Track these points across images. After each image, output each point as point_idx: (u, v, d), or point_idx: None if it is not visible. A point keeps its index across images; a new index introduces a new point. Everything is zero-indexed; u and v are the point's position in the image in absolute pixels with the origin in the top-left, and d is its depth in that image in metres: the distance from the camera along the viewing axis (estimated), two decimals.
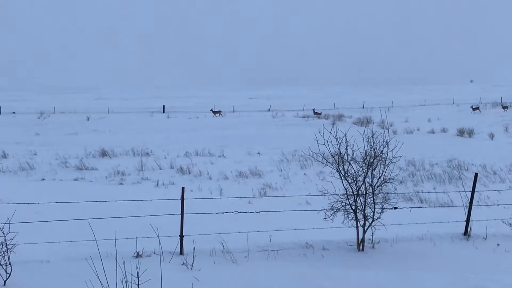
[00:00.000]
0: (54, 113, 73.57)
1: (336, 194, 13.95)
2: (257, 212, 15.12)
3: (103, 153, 33.00)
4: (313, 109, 71.15)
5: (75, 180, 25.42)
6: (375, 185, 13.80)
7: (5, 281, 11.14)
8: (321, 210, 13.95)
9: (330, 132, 13.81)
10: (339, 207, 13.72)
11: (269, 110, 77.93)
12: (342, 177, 13.82)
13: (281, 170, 27.43)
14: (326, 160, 14.11)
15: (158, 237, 12.56)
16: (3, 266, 11.10)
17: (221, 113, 68.87)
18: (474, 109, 69.96)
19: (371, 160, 13.75)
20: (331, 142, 13.97)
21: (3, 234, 11.11)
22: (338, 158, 13.77)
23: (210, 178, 25.68)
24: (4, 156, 32.30)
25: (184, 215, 13.30)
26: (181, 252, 13.19)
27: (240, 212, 14.97)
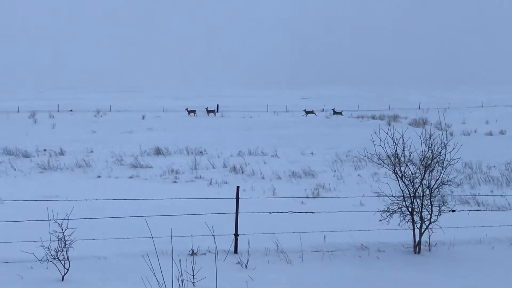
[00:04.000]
0: (110, 111, 74.60)
1: (392, 196, 13.79)
2: (312, 212, 15.04)
3: (158, 151, 33.26)
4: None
5: (130, 177, 25.69)
6: (432, 187, 13.60)
7: (63, 276, 11.33)
8: (377, 211, 13.83)
9: (387, 133, 13.65)
10: (395, 209, 13.57)
11: (323, 110, 77.51)
12: (399, 179, 13.65)
13: (335, 171, 27.23)
14: (382, 161, 13.96)
15: (213, 235, 12.60)
16: (61, 261, 11.29)
17: (195, 113, 68.56)
18: (307, 112, 67.92)
19: (429, 162, 13.55)
20: (387, 143, 13.82)
21: (62, 230, 11.31)
22: (395, 159, 13.61)
23: (263, 178, 25.65)
24: (62, 153, 32.84)
25: (239, 214, 13.33)
26: (235, 251, 13.22)
27: (295, 212, 14.91)
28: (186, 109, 69.69)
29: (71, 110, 75.31)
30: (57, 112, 71.32)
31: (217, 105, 79.75)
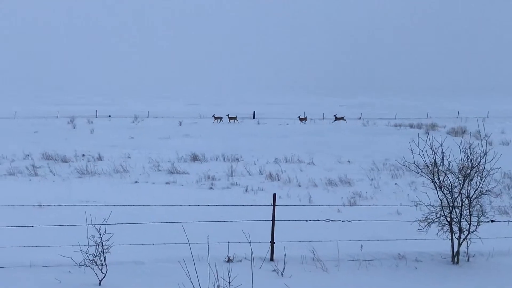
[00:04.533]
0: (148, 117, 75.21)
1: (431, 205, 13.67)
2: (349, 221, 14.96)
3: (194, 158, 33.39)
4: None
5: (167, 183, 25.81)
6: (471, 197, 13.45)
7: (100, 281, 11.43)
8: (415, 221, 13.71)
9: (426, 142, 13.54)
10: (433, 219, 13.44)
11: (360, 118, 77.19)
12: (437, 188, 13.52)
13: (372, 179, 27.04)
14: (421, 170, 13.84)
15: (250, 242, 12.60)
16: (99, 266, 11.40)
17: (221, 119, 69.23)
18: (301, 119, 69.68)
19: (468, 171, 13.40)
20: (425, 151, 13.71)
21: (100, 234, 11.41)
22: (434, 168, 13.48)
23: (299, 185, 25.58)
24: (100, 158, 33.16)
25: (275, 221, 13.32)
26: (271, 258, 13.21)
27: (332, 220, 14.84)
28: (213, 115, 70.77)
29: (109, 116, 76.09)
30: (96, 118, 72.14)
31: (254, 112, 79.92)
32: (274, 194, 13.68)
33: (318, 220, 14.76)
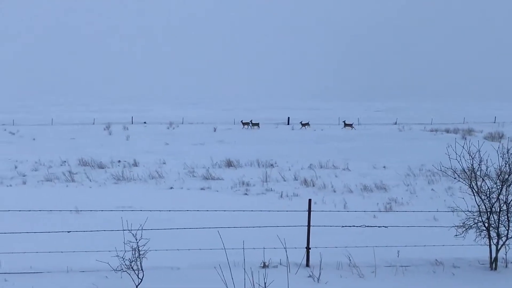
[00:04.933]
0: (182, 123, 75.60)
1: (468, 211, 13.51)
2: (385, 226, 14.85)
3: (229, 164, 33.48)
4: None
5: (201, 189, 25.92)
6: (509, 203, 13.27)
7: (137, 286, 11.50)
8: (452, 226, 13.57)
9: (463, 147, 13.40)
10: (471, 224, 13.29)
11: (395, 123, 76.69)
12: (475, 194, 13.36)
13: (408, 185, 26.83)
14: (458, 175, 13.69)
15: (285, 248, 12.57)
16: (135, 271, 11.47)
17: (249, 124, 69.16)
18: (303, 125, 68.87)
19: (506, 177, 13.23)
20: (462, 156, 13.57)
21: (136, 240, 11.49)
22: (471, 173, 13.33)
23: (334, 191, 25.48)
24: (135, 164, 33.44)
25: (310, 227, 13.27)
26: (307, 264, 13.16)
27: (368, 226, 14.74)
28: (241, 121, 70.88)
29: (144, 122, 76.63)
30: (131, 124, 72.74)
31: (288, 117, 79.86)
32: (310, 200, 13.64)
33: (354, 226, 14.68)
